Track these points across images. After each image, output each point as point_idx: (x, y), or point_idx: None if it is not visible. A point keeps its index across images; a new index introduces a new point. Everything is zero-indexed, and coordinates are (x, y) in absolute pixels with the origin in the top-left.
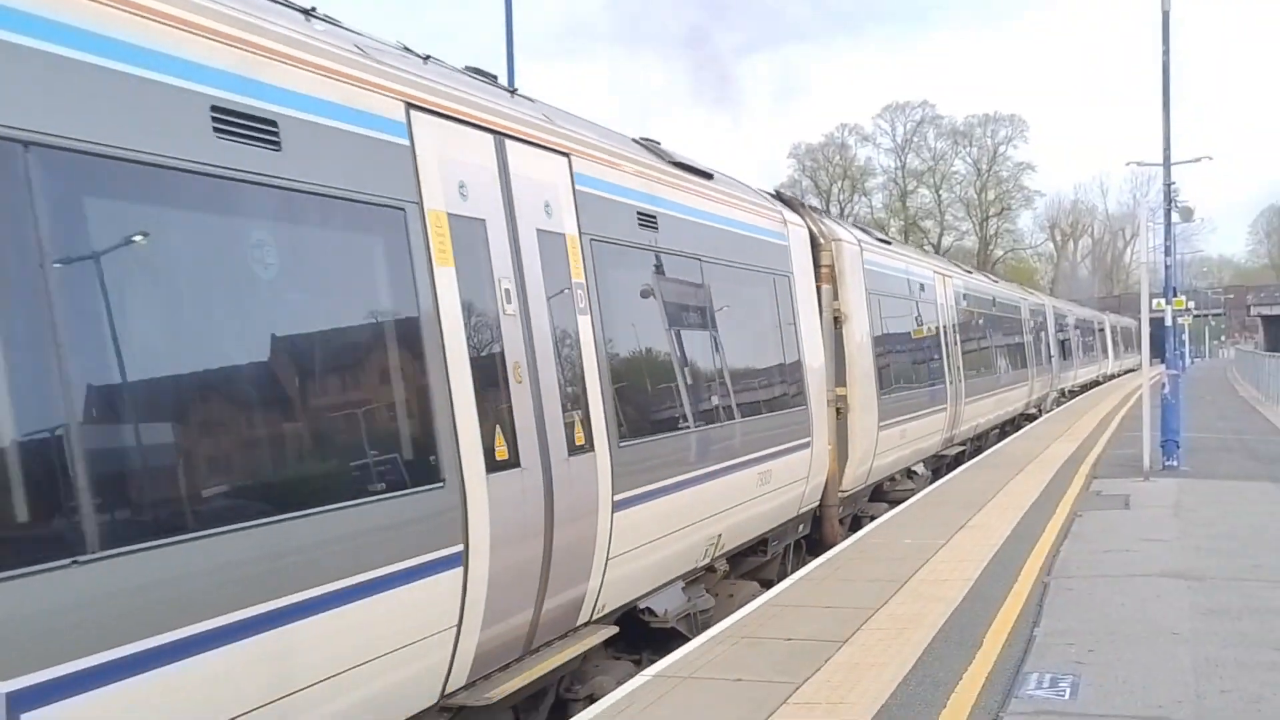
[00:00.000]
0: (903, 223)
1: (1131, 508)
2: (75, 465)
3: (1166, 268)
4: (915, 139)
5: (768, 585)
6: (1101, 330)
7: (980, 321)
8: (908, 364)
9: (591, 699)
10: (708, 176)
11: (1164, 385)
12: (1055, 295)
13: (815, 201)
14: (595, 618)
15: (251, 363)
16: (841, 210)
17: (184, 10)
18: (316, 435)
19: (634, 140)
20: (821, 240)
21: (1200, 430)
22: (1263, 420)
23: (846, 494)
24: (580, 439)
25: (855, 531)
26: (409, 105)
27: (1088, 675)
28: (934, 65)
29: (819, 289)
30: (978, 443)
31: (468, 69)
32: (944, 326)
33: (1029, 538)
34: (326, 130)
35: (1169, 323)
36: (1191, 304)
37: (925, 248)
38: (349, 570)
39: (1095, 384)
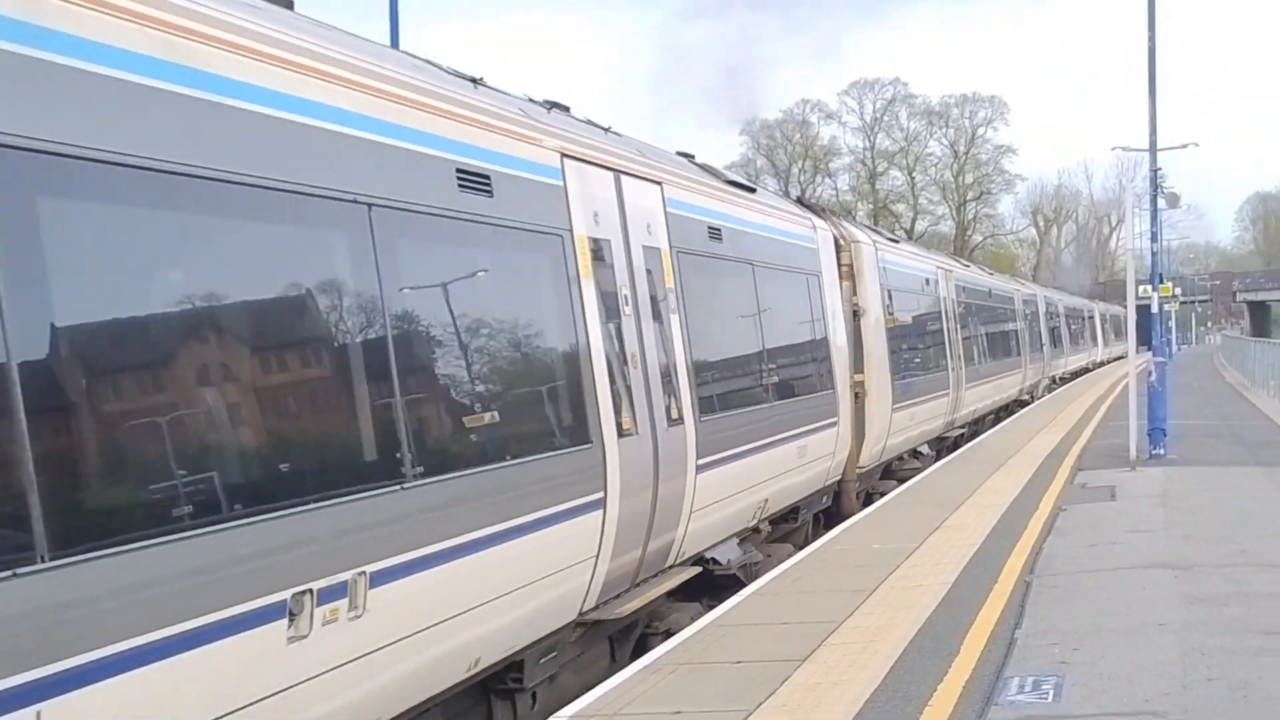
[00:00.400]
0: (872, 206)
1: (1118, 499)
2: (407, 419)
3: (1153, 254)
4: (886, 118)
5: (799, 548)
6: (1091, 318)
7: (978, 312)
8: (916, 353)
9: (669, 634)
10: (751, 191)
11: (1150, 373)
12: (1038, 282)
13: (771, 182)
14: (678, 562)
15: (479, 350)
16: (803, 192)
17: (445, 102)
18: (529, 404)
19: (681, 155)
20: (841, 242)
21: (1187, 418)
22: (1249, 406)
23: (863, 470)
24: (675, 414)
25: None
26: (562, 155)
27: (1072, 675)
28: (905, 43)
29: (841, 285)
30: (975, 427)
31: (548, 102)
32: (946, 317)
33: (1010, 535)
34: (516, 179)
35: (1155, 309)
36: (1178, 291)
37: (897, 232)
38: (547, 504)
39: (1085, 370)
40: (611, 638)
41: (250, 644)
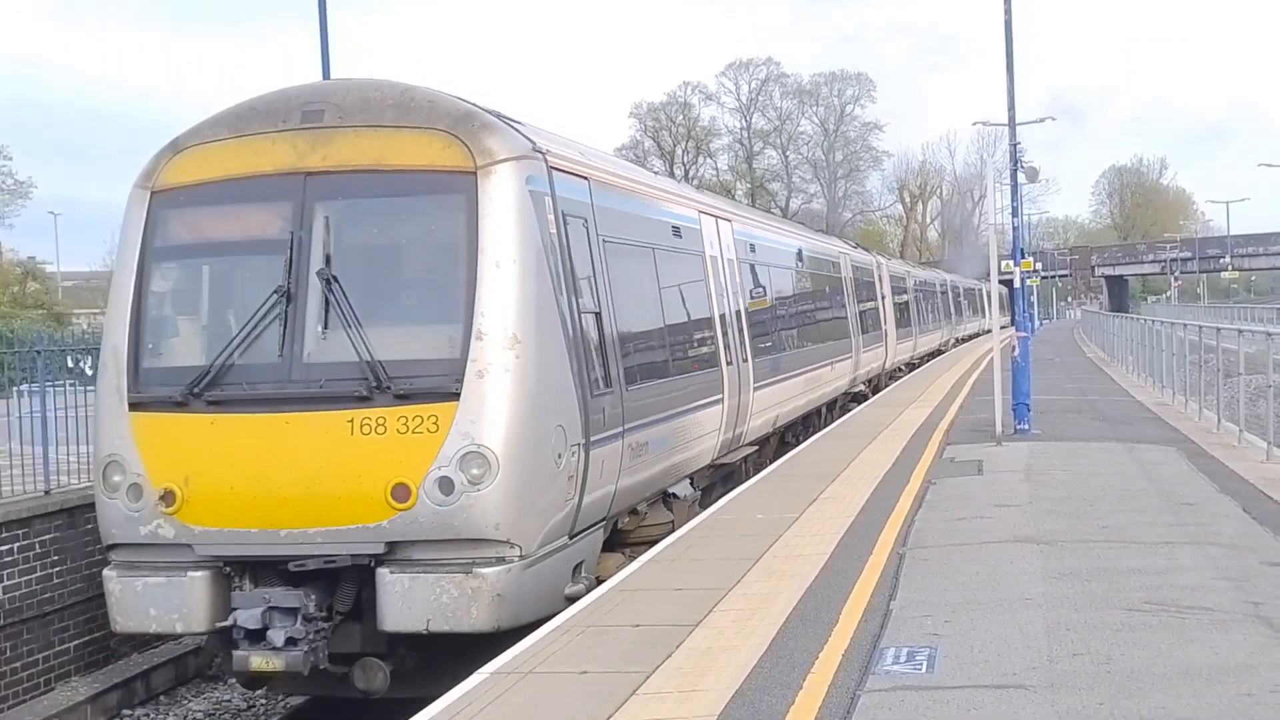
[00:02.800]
0: (749, 185)
1: (984, 473)
2: (748, 344)
3: (1014, 229)
4: (760, 98)
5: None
6: (941, 288)
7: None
8: (870, 318)
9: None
10: (779, 218)
11: (1014, 348)
12: (905, 258)
13: (659, 164)
14: (742, 445)
15: (683, 319)
16: (686, 173)
17: (665, 192)
18: (705, 342)
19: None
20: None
21: (1049, 393)
22: (1108, 381)
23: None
24: (743, 356)
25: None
26: (699, 212)
27: (944, 647)
28: (777, 21)
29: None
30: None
31: (694, 185)
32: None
33: (884, 508)
34: (685, 226)
35: (1017, 284)
36: (1039, 265)
37: (773, 211)
38: (708, 394)
39: (938, 352)
40: (715, 482)
41: (707, 410)
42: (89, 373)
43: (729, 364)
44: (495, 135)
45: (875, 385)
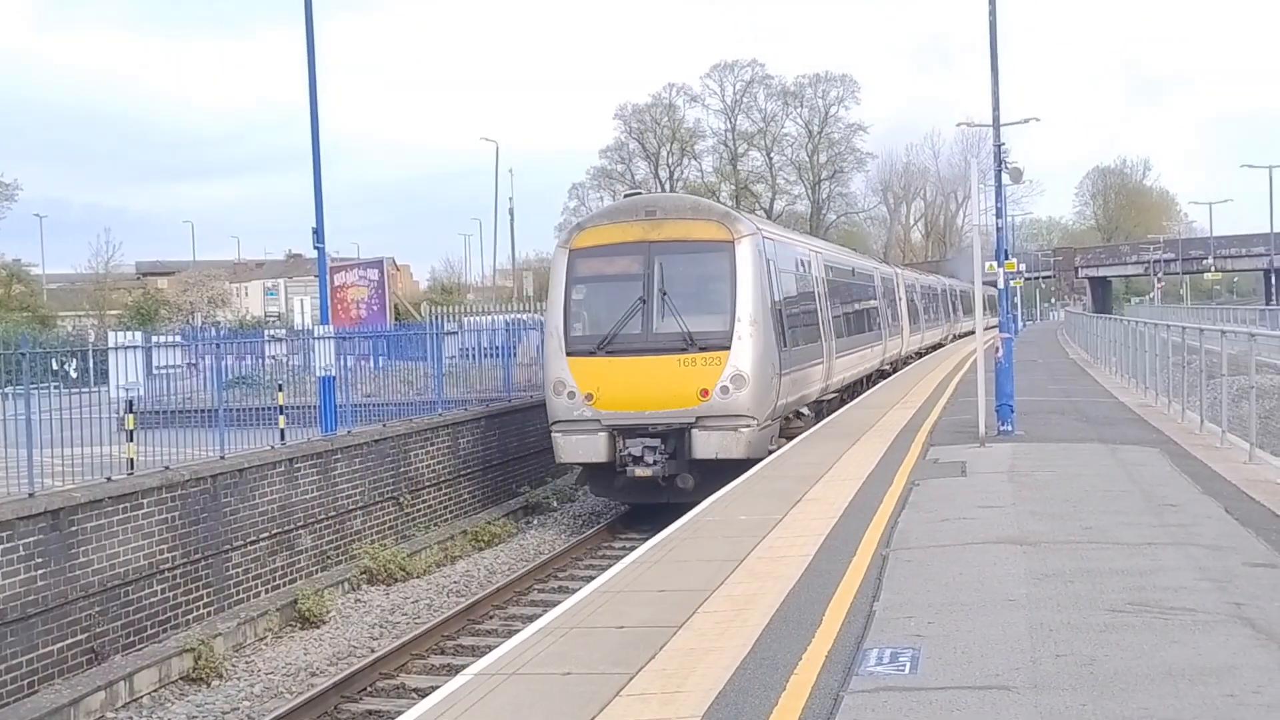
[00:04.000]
0: (734, 187)
1: (968, 474)
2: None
3: (998, 230)
4: (745, 100)
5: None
6: (943, 293)
7: (892, 293)
8: (890, 314)
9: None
10: (854, 251)
11: (998, 349)
12: (889, 260)
13: (643, 166)
14: (829, 392)
15: (809, 312)
16: (670, 175)
17: (843, 252)
18: (863, 323)
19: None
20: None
21: (1033, 394)
22: (1092, 382)
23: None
24: (831, 337)
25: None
26: (809, 249)
27: (928, 648)
28: (762, 23)
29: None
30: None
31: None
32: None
33: (867, 509)
34: (802, 259)
35: (1001, 285)
36: (1022, 266)
37: (757, 212)
38: (814, 358)
39: (938, 345)
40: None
41: (816, 367)
42: (73, 375)
43: (825, 341)
44: (740, 223)
45: (895, 367)
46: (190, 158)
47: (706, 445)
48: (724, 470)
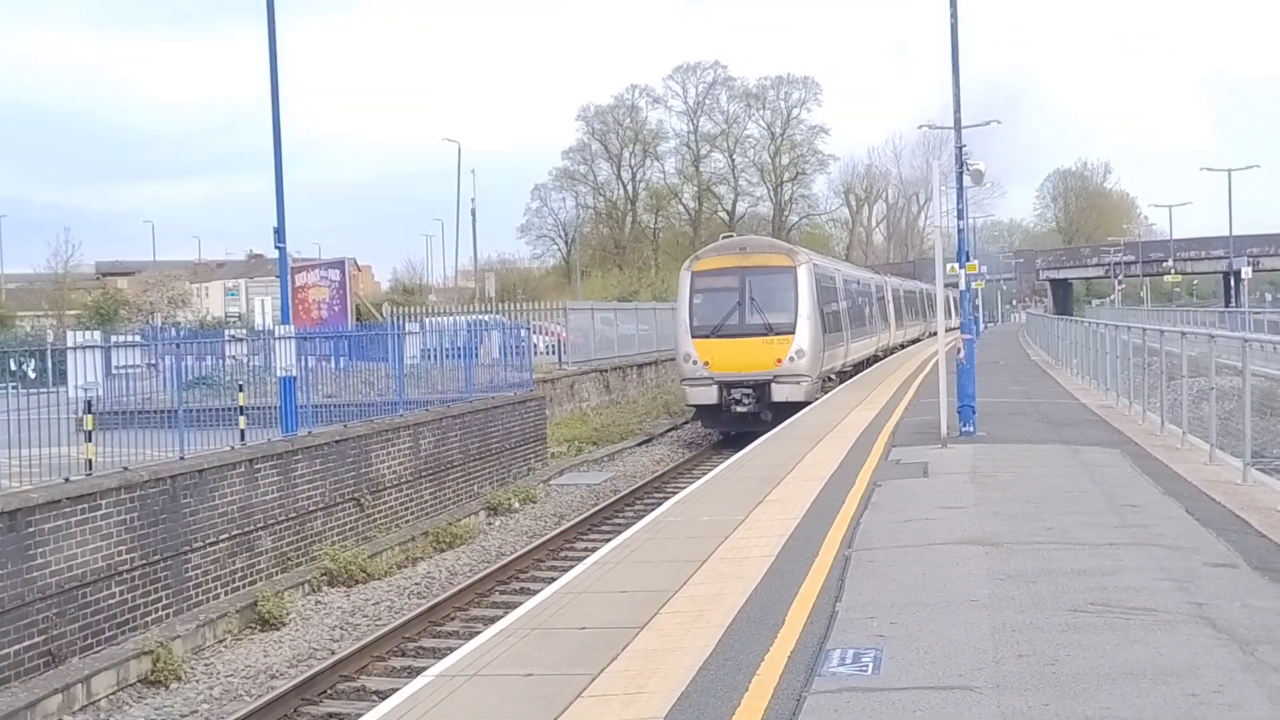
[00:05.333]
0: (696, 188)
1: (930, 475)
2: (857, 318)
3: (959, 232)
4: (708, 101)
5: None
6: (922, 295)
7: (887, 298)
8: (882, 314)
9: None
10: (868, 269)
11: (959, 350)
12: (851, 261)
13: (605, 166)
14: (845, 366)
15: (836, 312)
16: (633, 176)
17: (841, 265)
18: (863, 319)
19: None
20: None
21: (994, 395)
22: (1053, 383)
23: (887, 350)
24: (847, 327)
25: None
26: (834, 270)
27: (890, 648)
28: (725, 24)
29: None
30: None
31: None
32: (887, 299)
33: (830, 510)
34: (828, 275)
35: (963, 287)
36: (984, 268)
37: (720, 215)
38: (835, 344)
39: (916, 340)
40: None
41: (839, 348)
42: (31, 376)
43: (845, 331)
44: (799, 255)
45: (887, 353)
46: (151, 157)
47: (780, 392)
48: (790, 409)
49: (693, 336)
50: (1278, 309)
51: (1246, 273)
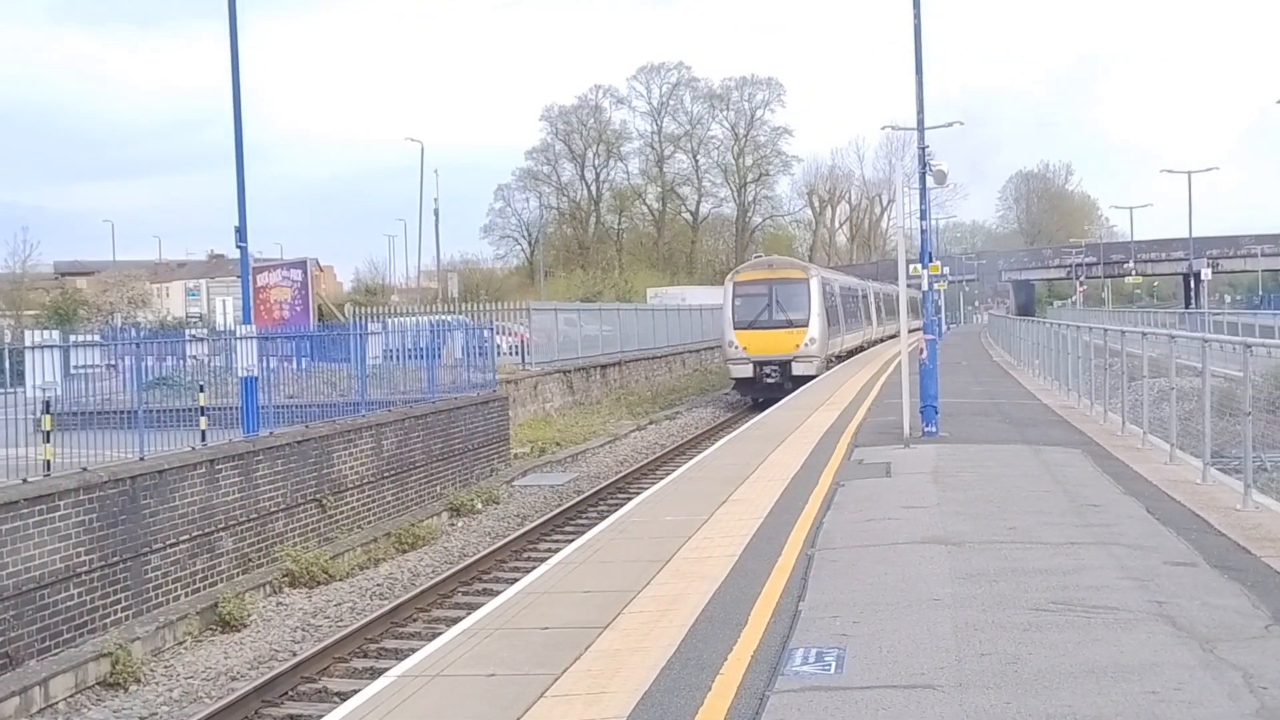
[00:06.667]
0: (660, 189)
1: (893, 475)
2: (859, 314)
3: (922, 233)
4: (671, 102)
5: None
6: (896, 297)
7: (870, 300)
8: (866, 313)
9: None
10: (860, 278)
11: (922, 351)
12: (814, 262)
13: (569, 166)
14: (840, 354)
15: (866, 308)
16: (597, 176)
17: (839, 274)
18: (858, 316)
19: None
20: (866, 285)
21: (957, 396)
22: (1015, 384)
23: (871, 342)
24: (842, 323)
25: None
26: (832, 278)
27: (853, 647)
28: (689, 25)
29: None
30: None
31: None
32: (872, 300)
33: (793, 510)
34: (832, 284)
35: (926, 287)
36: (946, 270)
37: (683, 215)
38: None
39: (894, 336)
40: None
41: (836, 339)
42: None
43: (842, 324)
44: (811, 269)
45: (870, 345)
46: (111, 156)
47: (798, 369)
48: (804, 380)
49: (735, 329)
50: (1237, 310)
51: (1206, 274)
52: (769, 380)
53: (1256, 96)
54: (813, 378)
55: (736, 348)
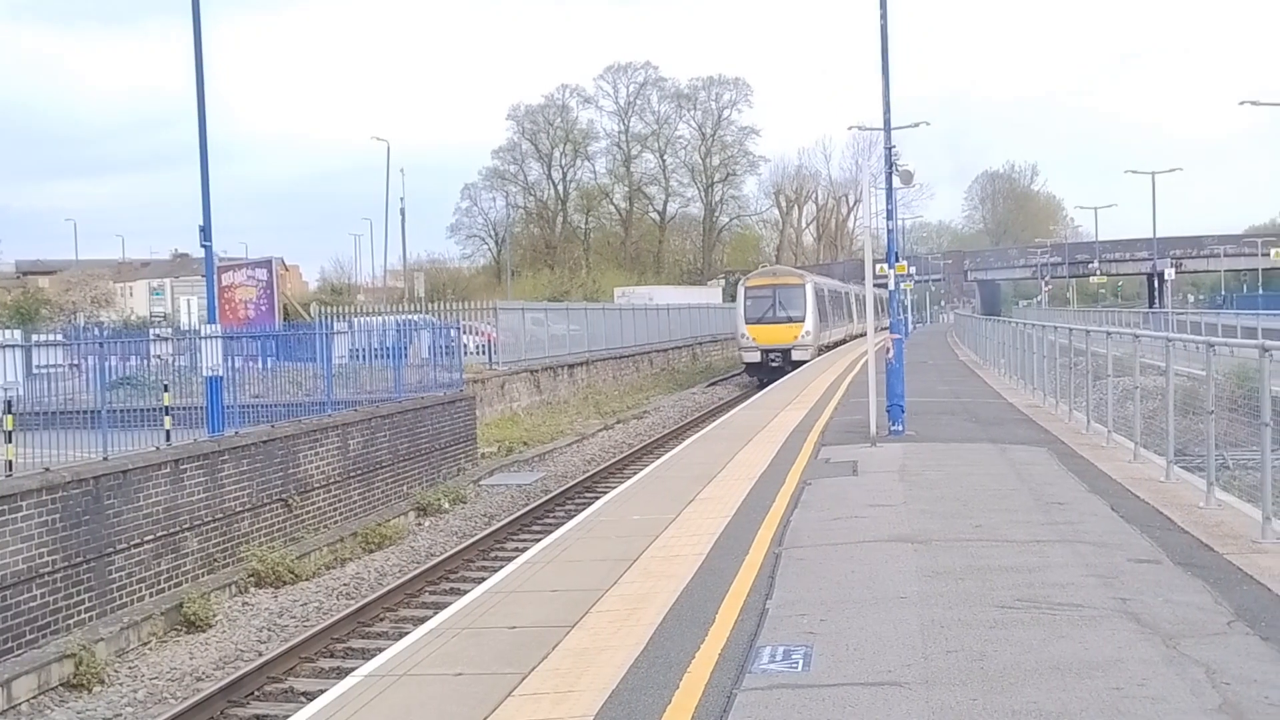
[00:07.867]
0: (627, 189)
1: (859, 474)
2: (842, 313)
3: (889, 232)
4: (639, 102)
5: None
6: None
7: (851, 300)
8: (849, 312)
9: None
10: (843, 282)
11: (888, 350)
12: (781, 262)
13: (536, 166)
14: (826, 347)
15: (849, 307)
16: (564, 176)
17: (827, 280)
18: (842, 315)
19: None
20: (846, 287)
21: (923, 395)
22: (981, 383)
23: (852, 336)
24: (828, 320)
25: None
26: (824, 284)
27: (820, 645)
28: (656, 24)
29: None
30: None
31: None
32: (852, 302)
33: (760, 508)
34: (825, 289)
35: (892, 287)
36: (913, 269)
37: (651, 215)
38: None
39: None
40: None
41: (825, 333)
42: None
43: (829, 320)
44: (807, 277)
45: (849, 340)
46: (74, 154)
47: (796, 355)
48: (801, 364)
49: (746, 324)
50: (1200, 310)
51: (1170, 274)
52: (773, 364)
53: (1223, 99)
54: (807, 361)
55: (747, 338)
